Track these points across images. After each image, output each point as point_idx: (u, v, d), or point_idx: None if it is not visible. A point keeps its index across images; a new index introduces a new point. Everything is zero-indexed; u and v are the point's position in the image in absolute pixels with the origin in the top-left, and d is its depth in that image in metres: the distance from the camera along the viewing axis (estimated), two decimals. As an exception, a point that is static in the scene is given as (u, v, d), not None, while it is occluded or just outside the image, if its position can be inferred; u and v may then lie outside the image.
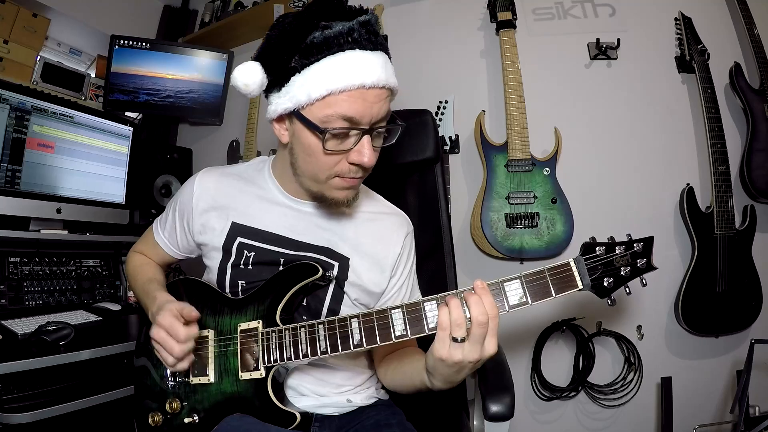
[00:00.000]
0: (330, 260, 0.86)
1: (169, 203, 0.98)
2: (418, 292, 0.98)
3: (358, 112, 0.70)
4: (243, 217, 0.88)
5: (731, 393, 1.46)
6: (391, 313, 0.70)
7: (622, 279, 0.69)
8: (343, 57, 0.69)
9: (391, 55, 0.76)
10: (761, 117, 1.43)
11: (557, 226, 1.46)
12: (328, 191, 0.79)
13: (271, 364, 0.77)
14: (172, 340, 0.74)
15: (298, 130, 0.75)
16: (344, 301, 0.87)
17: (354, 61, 0.69)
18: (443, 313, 0.65)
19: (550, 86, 1.63)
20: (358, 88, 0.69)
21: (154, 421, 0.83)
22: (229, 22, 2.01)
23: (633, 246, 0.70)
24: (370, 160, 0.73)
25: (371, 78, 0.69)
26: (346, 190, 0.79)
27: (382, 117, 0.74)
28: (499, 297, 0.67)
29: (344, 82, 0.68)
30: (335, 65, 0.69)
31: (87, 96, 1.87)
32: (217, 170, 0.94)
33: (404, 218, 0.96)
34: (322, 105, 0.70)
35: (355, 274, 0.87)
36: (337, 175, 0.76)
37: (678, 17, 1.52)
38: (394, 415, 0.91)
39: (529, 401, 1.60)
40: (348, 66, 0.69)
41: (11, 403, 1.03)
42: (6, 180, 1.39)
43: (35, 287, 1.45)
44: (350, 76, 0.68)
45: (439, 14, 1.78)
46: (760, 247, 1.42)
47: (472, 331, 0.63)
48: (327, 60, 0.69)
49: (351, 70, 0.69)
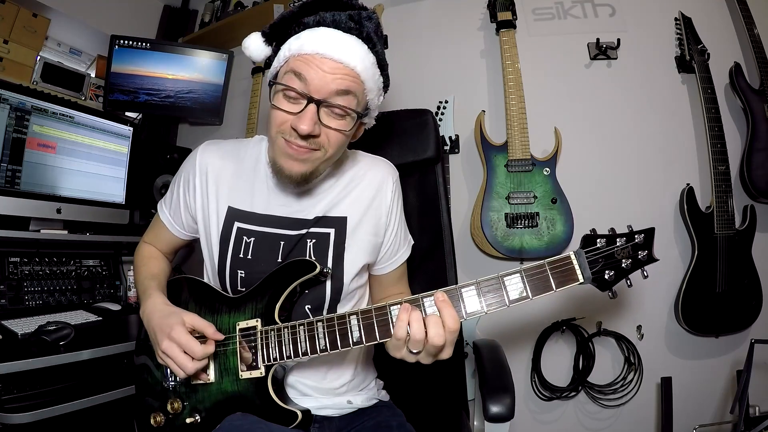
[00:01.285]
0: (326, 229, 0.87)
1: (173, 180, 0.97)
2: (408, 234, 1.01)
3: (308, 74, 0.75)
4: (238, 199, 0.89)
5: (731, 393, 1.46)
6: (390, 309, 0.70)
7: (623, 271, 0.68)
8: (317, 30, 0.77)
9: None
10: (761, 117, 1.43)
11: (557, 226, 1.46)
12: (279, 158, 0.80)
13: (270, 363, 0.77)
14: (185, 357, 0.75)
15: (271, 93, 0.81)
16: (346, 269, 0.87)
17: (323, 34, 0.76)
18: (400, 323, 0.67)
19: (550, 86, 1.63)
20: (314, 54, 0.75)
21: (157, 422, 0.82)
22: (229, 22, 2.01)
23: (634, 237, 0.68)
24: (309, 128, 0.74)
25: (330, 49, 0.75)
26: (293, 160, 0.79)
27: (336, 92, 0.75)
28: (499, 292, 0.67)
29: (308, 47, 0.76)
30: (309, 35, 0.77)
31: (87, 96, 1.87)
32: (216, 147, 0.94)
33: (387, 164, 0.98)
34: (285, 67, 0.78)
35: (354, 232, 0.88)
36: (281, 134, 0.78)
37: (678, 17, 1.52)
38: (394, 416, 0.90)
39: (529, 401, 1.60)
40: (316, 36, 0.76)
41: (11, 403, 1.03)
42: (6, 180, 1.39)
43: (35, 287, 1.44)
44: (313, 43, 0.75)
45: (439, 14, 1.78)
46: (760, 247, 1.42)
47: (427, 348, 0.66)
48: (305, 32, 0.77)
49: (316, 39, 0.76)
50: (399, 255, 0.96)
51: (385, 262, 0.95)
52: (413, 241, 1.01)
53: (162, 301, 0.85)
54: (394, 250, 0.95)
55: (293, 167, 0.79)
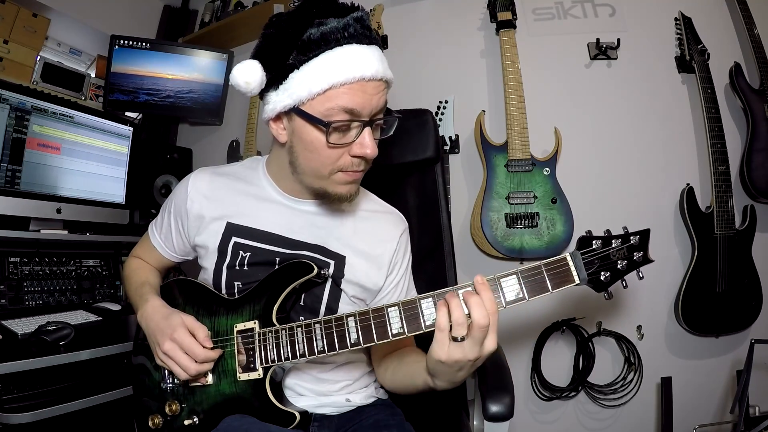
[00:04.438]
0: (325, 258, 0.86)
1: (164, 205, 0.97)
2: (414, 291, 0.98)
3: (359, 104, 0.71)
4: (237, 217, 0.88)
5: (731, 393, 1.46)
6: (388, 311, 0.70)
7: (618, 273, 0.69)
8: (341, 51, 0.71)
9: (392, 56, 0.77)
10: (761, 117, 1.43)
11: (557, 226, 1.46)
12: (331, 186, 0.79)
13: (268, 365, 0.77)
14: (187, 359, 0.75)
15: (299, 127, 0.75)
16: (342, 299, 0.87)
17: (353, 55, 0.71)
18: (441, 314, 0.64)
19: (550, 86, 1.63)
20: (359, 81, 0.71)
21: (154, 424, 0.82)
22: (229, 22, 2.01)
23: (629, 239, 0.69)
24: (373, 151, 0.74)
25: (370, 70, 0.71)
26: (349, 184, 0.79)
27: (380, 108, 0.75)
28: (496, 293, 0.67)
29: (345, 75, 0.70)
30: (335, 59, 0.70)
31: (87, 96, 1.87)
32: (210, 170, 0.93)
33: (399, 217, 0.97)
34: (323, 99, 0.71)
35: (352, 271, 0.87)
36: (340, 169, 0.77)
37: (678, 17, 1.52)
38: (393, 415, 0.90)
39: (529, 401, 1.60)
40: (347, 59, 0.70)
41: (11, 403, 1.03)
42: (6, 180, 1.39)
43: (35, 287, 1.44)
44: (350, 69, 0.70)
45: (439, 14, 1.78)
46: (760, 247, 1.42)
47: (473, 333, 0.62)
48: (326, 55, 0.71)
49: (350, 64, 0.70)
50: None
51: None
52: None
53: (160, 303, 0.85)
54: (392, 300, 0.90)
55: (351, 190, 0.80)
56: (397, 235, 0.92)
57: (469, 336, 0.63)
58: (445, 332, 0.64)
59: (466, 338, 0.63)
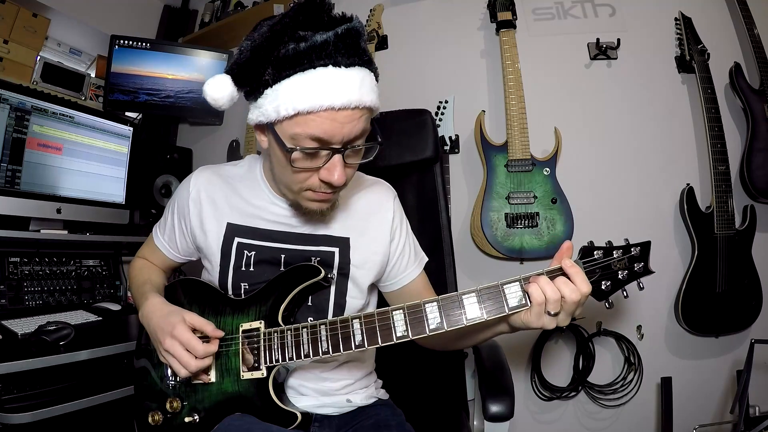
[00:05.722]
0: (330, 248, 0.87)
1: (167, 206, 0.98)
2: (421, 251, 0.98)
3: (327, 133, 0.68)
4: (238, 217, 0.88)
5: (731, 393, 1.47)
6: (393, 314, 0.71)
7: (619, 282, 0.71)
8: (313, 75, 0.66)
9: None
10: (761, 117, 1.43)
11: (557, 226, 1.46)
12: (303, 201, 0.79)
13: (272, 364, 0.77)
14: (188, 355, 0.75)
15: (272, 142, 0.74)
16: (349, 292, 0.87)
17: (324, 81, 0.66)
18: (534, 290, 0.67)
19: (550, 86, 1.63)
20: (327, 110, 0.66)
21: (154, 420, 0.82)
22: (229, 22, 2.01)
23: (630, 250, 0.71)
24: (340, 179, 0.71)
25: (341, 99, 0.66)
26: (319, 202, 0.79)
27: (356, 135, 0.70)
28: (499, 299, 0.69)
29: (311, 102, 0.65)
30: (304, 84, 0.66)
31: (87, 96, 1.87)
32: (210, 170, 0.94)
33: (386, 184, 0.98)
34: (291, 123, 0.68)
35: (359, 251, 0.88)
36: (309, 188, 0.76)
37: (678, 17, 1.52)
38: (394, 415, 0.91)
39: (529, 401, 1.60)
40: (317, 86, 0.66)
41: (11, 403, 1.03)
42: (6, 180, 1.39)
43: (35, 287, 1.44)
44: (318, 97, 0.65)
45: (439, 14, 1.78)
46: (760, 247, 1.42)
47: (565, 307, 0.68)
48: (297, 77, 0.66)
49: (320, 91, 0.65)
50: (409, 271, 0.93)
51: (393, 278, 0.93)
52: (427, 258, 0.98)
53: (160, 301, 0.85)
54: (402, 265, 0.92)
55: (321, 207, 0.80)
56: (391, 202, 0.93)
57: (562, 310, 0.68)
58: (542, 306, 0.67)
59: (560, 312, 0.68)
